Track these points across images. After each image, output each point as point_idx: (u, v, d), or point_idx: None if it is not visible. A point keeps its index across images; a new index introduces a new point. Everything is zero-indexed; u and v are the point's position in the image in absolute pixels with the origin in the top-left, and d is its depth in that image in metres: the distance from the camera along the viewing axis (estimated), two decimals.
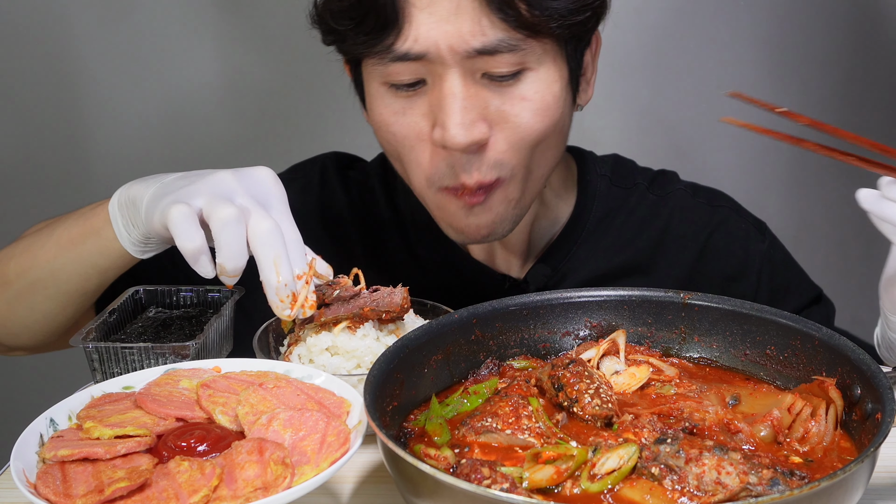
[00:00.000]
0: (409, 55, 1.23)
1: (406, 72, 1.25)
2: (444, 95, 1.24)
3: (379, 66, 1.27)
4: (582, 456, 0.90)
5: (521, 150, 1.29)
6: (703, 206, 1.56)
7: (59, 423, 0.99)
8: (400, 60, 1.24)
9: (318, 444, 0.94)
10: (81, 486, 0.88)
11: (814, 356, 1.05)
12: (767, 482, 0.85)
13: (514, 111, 1.26)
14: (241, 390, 1.03)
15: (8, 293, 1.36)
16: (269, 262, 1.08)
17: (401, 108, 1.29)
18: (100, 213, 1.28)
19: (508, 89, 1.26)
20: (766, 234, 1.57)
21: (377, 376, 0.98)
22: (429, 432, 1.00)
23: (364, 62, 1.32)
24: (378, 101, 1.31)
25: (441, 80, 1.24)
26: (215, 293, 1.33)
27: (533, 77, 1.26)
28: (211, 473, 0.89)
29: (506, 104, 1.26)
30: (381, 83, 1.29)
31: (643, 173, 1.60)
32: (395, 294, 1.20)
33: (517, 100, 1.26)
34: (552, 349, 1.16)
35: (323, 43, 1.36)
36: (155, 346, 1.18)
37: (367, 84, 1.33)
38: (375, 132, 1.36)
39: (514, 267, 1.53)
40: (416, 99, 1.28)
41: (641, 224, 1.54)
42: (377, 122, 1.33)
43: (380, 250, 1.55)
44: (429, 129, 1.28)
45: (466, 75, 1.24)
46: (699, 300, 1.14)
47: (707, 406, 1.01)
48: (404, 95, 1.28)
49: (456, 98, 1.23)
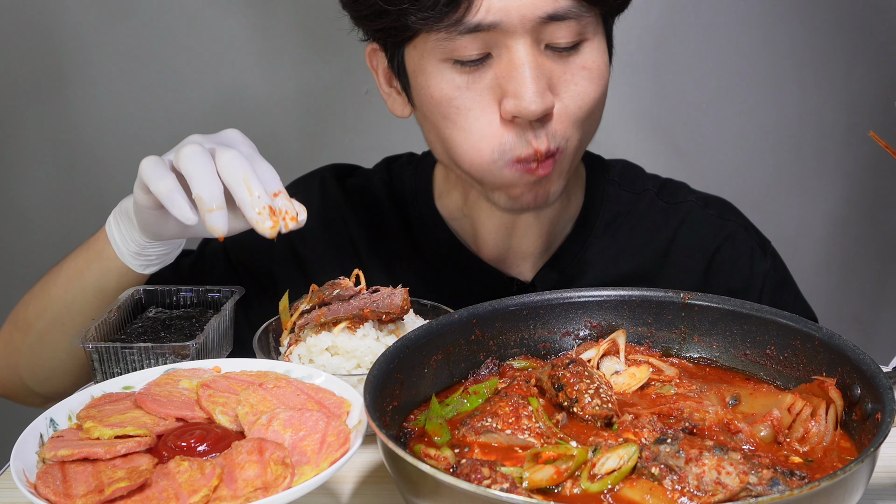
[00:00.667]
0: (481, 26, 1.23)
1: (473, 45, 1.25)
2: (516, 66, 1.25)
3: (443, 42, 1.26)
4: (582, 456, 0.90)
5: (578, 119, 1.31)
6: (714, 219, 1.57)
7: (59, 423, 0.99)
8: (471, 32, 1.24)
9: (318, 444, 0.94)
10: (81, 486, 0.88)
11: (814, 356, 1.05)
12: (767, 482, 0.85)
13: (574, 80, 1.29)
14: (241, 390, 1.03)
15: (31, 337, 1.38)
16: (239, 181, 1.09)
17: (464, 83, 1.28)
18: (99, 235, 1.30)
19: (570, 59, 1.29)
20: (769, 253, 1.59)
21: (377, 376, 0.98)
22: (429, 432, 1.00)
23: (414, 42, 1.30)
24: (438, 78, 1.29)
25: (509, 50, 1.25)
26: (215, 293, 1.33)
27: (590, 47, 1.30)
28: (211, 473, 0.89)
29: (567, 73, 1.29)
30: (442, 59, 1.28)
31: (652, 180, 1.60)
32: (395, 295, 1.20)
33: (578, 68, 1.29)
34: (552, 349, 1.16)
35: (357, 25, 1.36)
36: (155, 346, 1.18)
37: (419, 64, 1.31)
38: (429, 114, 1.33)
39: (524, 269, 1.53)
40: (482, 72, 1.28)
41: (650, 231, 1.55)
42: (437, 100, 1.30)
43: (384, 253, 1.55)
44: (494, 101, 1.28)
45: (533, 45, 1.25)
46: (699, 300, 1.14)
47: (707, 406, 1.01)
48: (468, 70, 1.28)
49: (528, 67, 1.25)
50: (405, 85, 1.37)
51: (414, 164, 1.60)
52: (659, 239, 1.55)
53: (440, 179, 1.55)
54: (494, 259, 1.52)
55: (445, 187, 1.54)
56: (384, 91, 1.43)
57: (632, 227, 1.54)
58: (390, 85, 1.42)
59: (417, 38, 1.29)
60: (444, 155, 1.37)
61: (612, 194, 1.55)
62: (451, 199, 1.53)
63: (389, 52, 1.36)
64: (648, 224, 1.55)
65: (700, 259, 1.54)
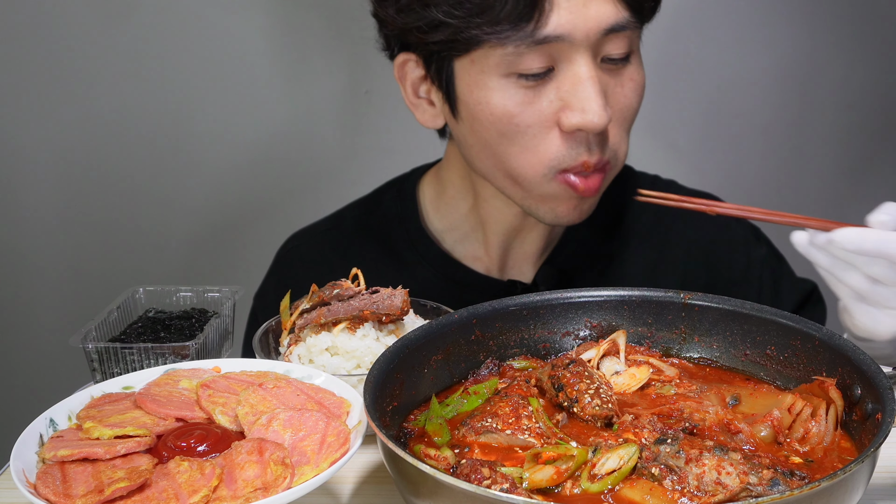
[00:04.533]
0: (549, 38, 1.25)
1: (539, 59, 1.27)
2: (582, 80, 1.27)
3: (509, 57, 1.26)
4: (582, 456, 0.90)
5: (625, 130, 1.35)
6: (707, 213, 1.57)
7: (58, 424, 0.99)
8: (538, 45, 1.25)
9: (318, 444, 0.94)
10: (81, 486, 0.88)
11: (814, 356, 1.05)
12: (767, 482, 0.85)
13: (624, 91, 1.33)
14: (240, 390, 1.03)
15: None
16: None
17: (527, 98, 1.29)
18: None
19: (621, 71, 1.32)
20: (761, 239, 1.61)
21: (377, 376, 0.98)
22: (429, 432, 1.00)
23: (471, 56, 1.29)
24: (499, 94, 1.29)
25: (573, 63, 1.27)
26: (215, 293, 1.33)
27: (635, 59, 1.34)
28: (211, 473, 0.89)
29: (618, 86, 1.32)
30: (506, 74, 1.28)
31: (643, 178, 1.61)
32: (395, 296, 1.20)
33: (627, 80, 1.33)
34: (552, 349, 1.16)
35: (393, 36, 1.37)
36: (155, 346, 1.18)
37: (477, 78, 1.30)
38: (480, 127, 1.33)
39: (525, 269, 1.53)
40: (543, 87, 1.29)
41: (647, 228, 1.56)
42: (497, 116, 1.30)
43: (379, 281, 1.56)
44: (553, 116, 1.30)
45: (592, 59, 1.28)
46: (699, 300, 1.14)
47: (707, 406, 1.01)
48: (531, 85, 1.29)
49: (593, 81, 1.27)
50: (450, 97, 1.36)
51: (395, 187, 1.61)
52: (656, 235, 1.56)
53: (427, 199, 1.56)
54: (497, 264, 1.53)
55: (434, 206, 1.55)
56: (410, 101, 1.42)
57: (629, 223, 1.55)
58: (418, 96, 1.41)
59: (476, 51, 1.28)
60: (492, 167, 1.37)
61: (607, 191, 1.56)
62: (442, 217, 1.54)
63: (435, 64, 1.35)
64: (644, 221, 1.56)
65: (698, 254, 1.56)
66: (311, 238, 1.63)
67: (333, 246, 1.60)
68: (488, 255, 1.52)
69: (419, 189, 1.57)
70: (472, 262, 1.53)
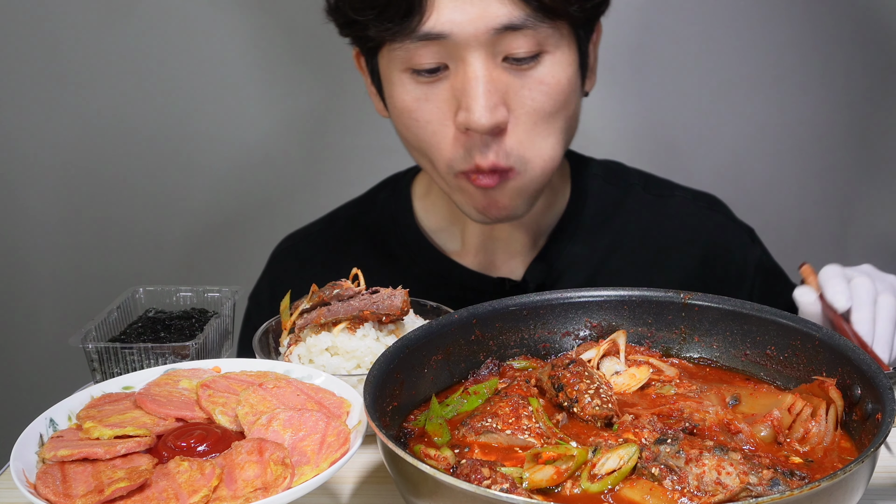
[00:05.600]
0: (430, 34, 1.25)
1: (428, 55, 1.27)
2: (469, 79, 1.26)
3: (400, 52, 1.28)
4: (582, 456, 0.90)
5: (538, 135, 1.31)
6: (704, 212, 1.58)
7: (58, 424, 0.99)
8: (423, 41, 1.26)
9: (318, 444, 0.94)
10: (81, 487, 0.88)
11: (814, 356, 1.05)
12: (767, 482, 0.85)
13: (532, 94, 1.29)
14: (240, 390, 1.03)
15: None
16: None
17: (423, 95, 1.31)
18: None
19: (528, 72, 1.29)
20: (756, 241, 1.62)
21: (377, 376, 0.98)
22: (429, 432, 1.00)
23: (383, 50, 1.33)
24: (399, 89, 1.32)
25: (464, 63, 1.27)
26: (215, 293, 1.33)
27: (550, 60, 1.29)
28: (211, 474, 0.89)
29: (525, 88, 1.29)
30: (403, 70, 1.31)
31: (636, 174, 1.61)
32: (394, 296, 1.20)
33: (536, 83, 1.29)
34: (552, 349, 1.16)
35: (340, 35, 1.38)
36: (155, 346, 1.18)
37: (386, 72, 1.34)
38: (395, 121, 1.37)
39: (515, 266, 1.53)
40: (438, 85, 1.30)
41: (641, 226, 1.56)
42: (399, 109, 1.34)
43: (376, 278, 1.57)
44: (451, 114, 1.30)
45: (489, 58, 1.26)
46: (699, 300, 1.14)
47: (707, 406, 1.01)
48: (426, 81, 1.30)
49: (480, 81, 1.26)
50: (379, 89, 1.41)
51: (390, 186, 1.62)
52: (651, 233, 1.56)
53: (418, 197, 1.57)
54: (484, 261, 1.53)
55: (423, 204, 1.55)
56: (370, 91, 1.46)
57: (622, 221, 1.55)
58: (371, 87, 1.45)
59: (384, 47, 1.32)
60: (419, 161, 1.41)
61: (597, 189, 1.56)
62: (431, 214, 1.54)
63: (367, 58, 1.40)
64: (639, 219, 1.56)
65: (694, 253, 1.56)
66: (304, 239, 1.64)
67: (326, 246, 1.61)
68: (474, 252, 1.53)
69: (413, 187, 1.58)
70: (462, 260, 1.54)
